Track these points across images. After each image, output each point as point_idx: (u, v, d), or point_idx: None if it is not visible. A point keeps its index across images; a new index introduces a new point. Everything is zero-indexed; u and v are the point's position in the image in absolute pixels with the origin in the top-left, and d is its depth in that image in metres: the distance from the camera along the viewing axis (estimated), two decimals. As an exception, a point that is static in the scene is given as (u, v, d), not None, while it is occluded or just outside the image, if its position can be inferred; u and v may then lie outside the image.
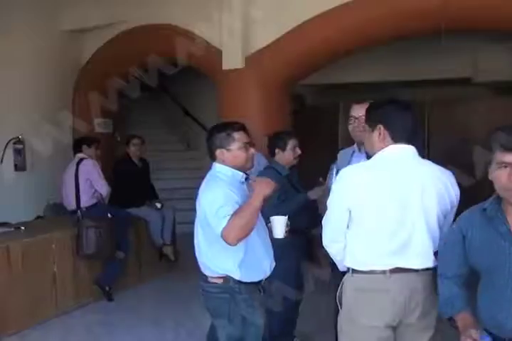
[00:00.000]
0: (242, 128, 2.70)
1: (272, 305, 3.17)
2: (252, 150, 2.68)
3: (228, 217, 2.41)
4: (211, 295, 2.64)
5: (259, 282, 2.69)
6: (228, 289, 2.59)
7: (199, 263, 2.70)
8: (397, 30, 5.60)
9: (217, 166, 2.68)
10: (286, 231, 2.81)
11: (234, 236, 2.41)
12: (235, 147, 2.64)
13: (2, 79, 6.44)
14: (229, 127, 2.69)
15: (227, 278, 2.59)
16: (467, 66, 7.84)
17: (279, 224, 2.80)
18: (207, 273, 2.65)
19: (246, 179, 2.70)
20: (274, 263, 2.74)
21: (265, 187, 2.49)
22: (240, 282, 2.59)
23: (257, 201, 2.46)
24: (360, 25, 5.52)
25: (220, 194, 2.51)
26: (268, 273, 2.71)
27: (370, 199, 2.20)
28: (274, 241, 2.81)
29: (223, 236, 2.42)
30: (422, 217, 2.21)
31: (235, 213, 2.42)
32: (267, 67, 6.02)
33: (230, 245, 2.45)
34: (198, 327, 4.42)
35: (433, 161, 2.37)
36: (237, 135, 2.65)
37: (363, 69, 8.18)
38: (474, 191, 3.60)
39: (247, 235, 2.46)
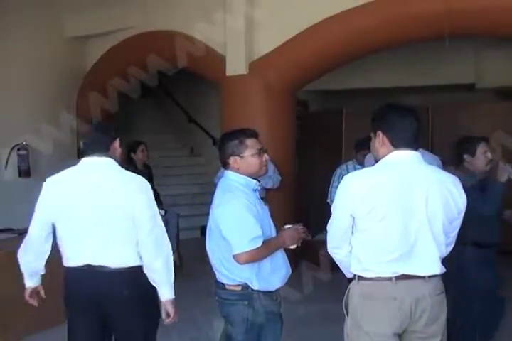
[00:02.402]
0: (254, 134, 2.68)
1: None
2: (265, 156, 2.67)
3: (253, 242, 2.47)
4: (229, 302, 2.62)
5: (277, 290, 2.68)
6: (247, 296, 2.57)
7: (215, 270, 2.68)
8: (400, 35, 5.60)
9: (230, 174, 2.65)
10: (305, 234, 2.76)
11: (246, 262, 2.51)
12: (248, 154, 2.61)
13: (6, 84, 6.47)
14: (241, 134, 2.66)
15: (245, 286, 2.57)
16: (471, 71, 7.86)
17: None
18: (224, 281, 2.62)
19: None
20: (290, 272, 2.73)
21: (290, 240, 2.63)
22: (258, 290, 2.58)
23: (279, 246, 2.63)
24: (363, 31, 5.52)
25: (240, 209, 2.50)
26: (285, 282, 2.70)
27: (373, 205, 2.19)
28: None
29: (237, 256, 2.49)
30: (426, 223, 2.20)
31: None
32: (270, 73, 6.03)
33: (238, 264, 2.53)
34: (202, 334, 4.42)
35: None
36: (249, 142, 2.63)
37: (366, 75, 8.19)
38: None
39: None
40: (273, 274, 2.63)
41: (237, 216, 2.49)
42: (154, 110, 10.70)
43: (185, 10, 6.44)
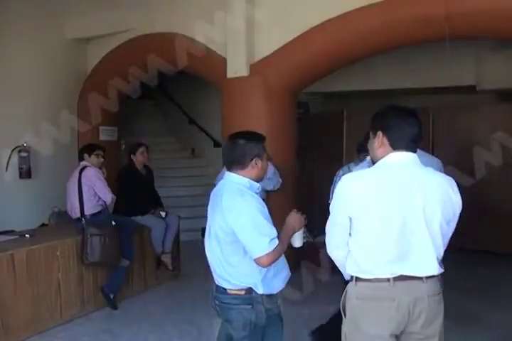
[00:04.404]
0: (265, 138, 2.73)
1: None
2: (265, 161, 2.69)
3: (272, 243, 2.46)
4: (231, 307, 2.60)
5: (278, 293, 2.68)
6: (250, 300, 2.56)
7: (216, 276, 2.65)
8: (401, 37, 5.60)
9: (234, 177, 2.63)
10: (304, 237, 2.77)
11: (270, 263, 2.50)
12: (264, 157, 2.65)
13: (7, 87, 6.48)
14: (260, 136, 2.68)
15: (249, 290, 2.56)
16: (471, 74, 7.87)
17: (298, 233, 2.73)
18: (226, 286, 2.60)
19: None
20: (290, 274, 2.73)
21: (297, 223, 2.65)
22: (262, 294, 2.57)
23: (289, 235, 2.62)
24: (364, 34, 5.53)
25: (255, 213, 2.49)
26: (285, 284, 2.70)
27: (369, 206, 2.19)
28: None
29: (259, 260, 2.47)
30: (423, 224, 2.20)
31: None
32: (271, 75, 6.03)
33: (262, 267, 2.52)
34: (203, 335, 4.43)
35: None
36: (263, 145, 2.67)
37: (367, 77, 8.20)
38: (475, 191, 3.62)
39: None
40: (276, 277, 2.63)
41: (254, 220, 2.47)
42: (155, 112, 10.72)
43: (185, 12, 6.45)
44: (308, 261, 5.94)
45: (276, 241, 2.49)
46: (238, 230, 2.48)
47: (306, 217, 2.70)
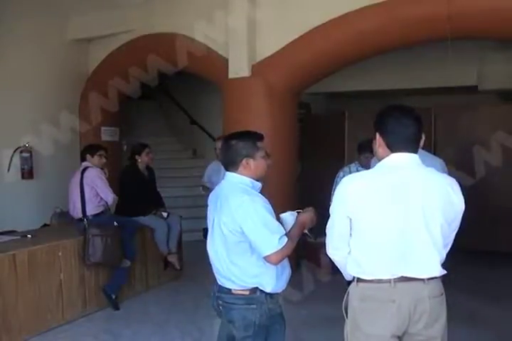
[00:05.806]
0: (262, 137, 2.71)
1: None
2: (269, 160, 2.69)
3: (282, 240, 2.48)
4: (235, 307, 2.60)
5: (281, 292, 2.69)
6: (255, 300, 2.57)
7: (219, 276, 2.64)
8: (403, 38, 5.60)
9: (236, 177, 2.63)
10: (304, 235, 2.77)
11: (280, 260, 2.52)
12: (259, 156, 2.63)
13: (9, 88, 6.49)
14: (253, 136, 2.67)
15: (253, 290, 2.57)
16: (473, 74, 7.86)
17: (291, 221, 2.71)
18: (230, 286, 2.60)
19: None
20: (290, 273, 2.74)
21: (310, 221, 2.67)
22: (266, 293, 2.58)
23: (300, 231, 2.65)
24: (365, 34, 5.52)
25: (262, 211, 2.50)
26: (287, 283, 2.70)
27: (368, 207, 2.19)
28: None
29: (270, 257, 2.48)
30: (423, 225, 2.19)
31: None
32: (273, 75, 6.03)
33: (271, 264, 2.54)
34: (204, 335, 4.44)
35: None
36: (259, 144, 2.65)
37: (369, 77, 8.20)
38: (475, 191, 3.64)
39: None
40: (281, 276, 2.63)
41: (263, 218, 2.49)
42: (156, 112, 10.72)
43: (187, 12, 6.45)
44: (308, 261, 5.95)
45: (286, 239, 2.50)
46: (248, 228, 2.48)
47: (318, 216, 2.71)
